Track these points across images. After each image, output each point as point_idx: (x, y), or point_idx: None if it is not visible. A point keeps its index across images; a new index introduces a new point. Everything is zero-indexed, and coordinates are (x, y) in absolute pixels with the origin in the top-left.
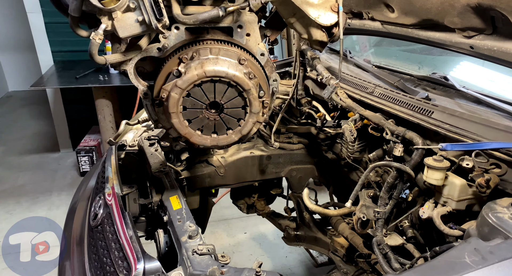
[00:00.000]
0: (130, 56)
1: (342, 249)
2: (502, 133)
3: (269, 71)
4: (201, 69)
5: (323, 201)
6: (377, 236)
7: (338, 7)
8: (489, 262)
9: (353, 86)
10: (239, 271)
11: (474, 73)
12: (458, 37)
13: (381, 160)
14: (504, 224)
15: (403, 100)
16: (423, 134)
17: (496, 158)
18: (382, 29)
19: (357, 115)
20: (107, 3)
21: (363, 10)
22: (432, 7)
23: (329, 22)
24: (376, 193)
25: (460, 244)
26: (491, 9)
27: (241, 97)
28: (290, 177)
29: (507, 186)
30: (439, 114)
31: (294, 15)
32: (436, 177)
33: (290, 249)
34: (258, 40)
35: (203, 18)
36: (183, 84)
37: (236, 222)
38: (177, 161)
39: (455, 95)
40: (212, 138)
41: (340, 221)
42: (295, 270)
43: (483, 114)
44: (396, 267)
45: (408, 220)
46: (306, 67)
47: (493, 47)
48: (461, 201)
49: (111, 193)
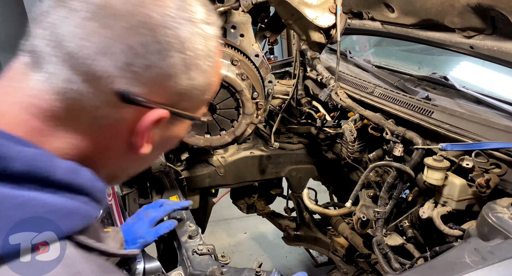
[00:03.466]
0: None
1: (342, 249)
2: (502, 133)
3: (264, 73)
4: None
5: (323, 201)
6: (377, 236)
7: (336, 9)
8: (489, 262)
9: (353, 86)
10: (239, 271)
11: (474, 73)
12: (458, 37)
13: (381, 160)
14: (504, 224)
15: (403, 100)
16: (423, 134)
17: (496, 158)
18: (382, 29)
19: (357, 115)
20: None
21: (363, 10)
22: (432, 7)
23: (327, 24)
24: (376, 193)
25: (460, 244)
26: (491, 9)
27: (233, 98)
28: (290, 177)
29: (507, 186)
30: (439, 114)
31: (292, 16)
32: (436, 177)
33: (290, 249)
34: (252, 41)
35: None
36: None
37: (236, 222)
38: (177, 161)
39: (455, 95)
40: (205, 138)
41: (340, 221)
42: (295, 270)
43: (483, 114)
44: (396, 267)
45: (408, 220)
46: (306, 67)
47: (493, 47)
48: (461, 201)
49: (111, 193)
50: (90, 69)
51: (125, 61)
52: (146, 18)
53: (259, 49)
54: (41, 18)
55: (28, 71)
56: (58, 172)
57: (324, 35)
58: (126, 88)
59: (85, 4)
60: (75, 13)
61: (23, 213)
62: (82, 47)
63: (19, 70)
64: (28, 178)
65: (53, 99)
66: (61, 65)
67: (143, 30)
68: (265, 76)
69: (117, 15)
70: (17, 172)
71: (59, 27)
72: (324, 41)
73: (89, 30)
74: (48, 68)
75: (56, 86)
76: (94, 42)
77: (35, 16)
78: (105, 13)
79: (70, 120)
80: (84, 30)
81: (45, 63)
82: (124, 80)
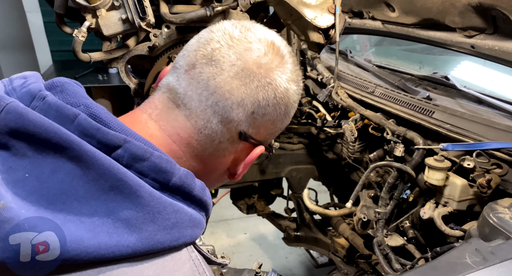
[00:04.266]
0: (116, 54)
1: (343, 250)
2: (503, 133)
3: None
4: None
5: (323, 202)
6: (377, 237)
7: (335, 9)
8: (490, 262)
9: (353, 86)
10: (239, 271)
11: (475, 73)
12: (459, 36)
13: (382, 160)
14: (505, 224)
15: (404, 100)
16: (424, 134)
17: (497, 158)
18: (383, 28)
19: (358, 115)
20: (92, 0)
21: (364, 10)
22: (433, 7)
23: (326, 24)
24: (376, 193)
25: (461, 245)
26: (492, 9)
27: None
28: (290, 177)
29: (508, 186)
30: (440, 114)
31: (291, 16)
32: (437, 177)
33: (290, 249)
34: None
35: (190, 17)
36: None
37: (236, 222)
38: None
39: (456, 95)
40: None
41: (340, 222)
42: (295, 271)
43: (484, 114)
44: (397, 267)
45: (409, 221)
46: (306, 67)
47: (494, 47)
48: (462, 201)
49: None
50: (228, 115)
51: (251, 111)
52: (272, 80)
53: None
54: (188, 68)
55: (174, 107)
56: (196, 189)
57: (323, 35)
58: (246, 130)
59: (231, 66)
60: (223, 72)
61: (176, 218)
62: (226, 99)
63: (165, 104)
64: (179, 190)
65: (191, 132)
66: (205, 108)
67: (268, 88)
68: None
69: (253, 76)
70: (173, 185)
71: (209, 80)
72: (323, 42)
73: (232, 86)
74: (193, 108)
75: (196, 123)
76: (234, 96)
77: (178, 65)
78: (245, 74)
79: (199, 149)
80: (229, 86)
81: (191, 104)
82: (247, 124)
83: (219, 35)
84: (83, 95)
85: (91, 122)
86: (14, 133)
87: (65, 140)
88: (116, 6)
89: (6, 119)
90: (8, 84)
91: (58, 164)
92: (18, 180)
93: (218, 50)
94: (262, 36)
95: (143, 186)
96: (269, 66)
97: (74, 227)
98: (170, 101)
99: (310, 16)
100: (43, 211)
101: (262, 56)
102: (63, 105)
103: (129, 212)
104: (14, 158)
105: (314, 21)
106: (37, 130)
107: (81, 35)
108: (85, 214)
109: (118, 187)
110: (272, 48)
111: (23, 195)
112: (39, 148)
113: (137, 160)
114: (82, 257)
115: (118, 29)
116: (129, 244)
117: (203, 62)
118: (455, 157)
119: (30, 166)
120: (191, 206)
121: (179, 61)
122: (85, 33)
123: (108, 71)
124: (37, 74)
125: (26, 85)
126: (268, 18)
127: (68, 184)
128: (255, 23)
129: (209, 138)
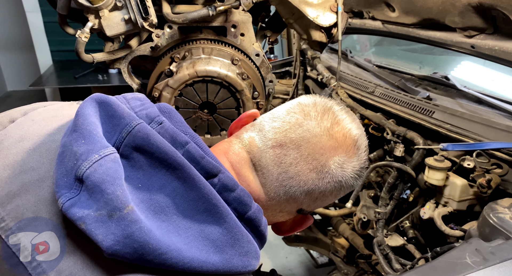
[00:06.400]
0: (119, 55)
1: (343, 250)
2: (503, 133)
3: (264, 72)
4: (192, 69)
5: None
6: (377, 237)
7: (337, 8)
8: (490, 262)
9: (353, 86)
10: None
11: (475, 73)
12: (459, 36)
13: (382, 160)
14: (505, 224)
15: (404, 100)
16: (424, 134)
17: (497, 158)
18: (383, 28)
19: (358, 115)
20: (95, 1)
21: (364, 9)
22: (433, 7)
23: (328, 23)
24: (376, 193)
25: (461, 245)
26: (492, 9)
27: (234, 98)
28: None
29: (508, 186)
30: (440, 114)
31: (292, 15)
32: (437, 177)
33: (290, 249)
34: (253, 40)
35: (192, 17)
36: (175, 83)
37: None
38: None
39: (456, 95)
40: (205, 138)
41: (340, 222)
42: (295, 271)
43: (484, 114)
44: (397, 267)
45: (409, 221)
46: (307, 67)
47: (494, 47)
48: (462, 201)
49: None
50: (296, 199)
51: (316, 197)
52: (343, 178)
53: (259, 49)
54: (276, 144)
55: (253, 169)
56: (262, 225)
57: (325, 34)
58: (305, 208)
59: (314, 160)
60: (305, 163)
61: (248, 247)
62: (299, 186)
63: (245, 160)
64: (251, 223)
65: (261, 196)
66: (279, 187)
67: (337, 185)
68: (265, 75)
69: (328, 174)
70: (248, 217)
71: (291, 165)
72: (325, 41)
73: (308, 178)
74: (269, 182)
75: (268, 192)
76: (307, 186)
77: (266, 135)
78: (322, 171)
79: (263, 207)
80: (306, 177)
81: (268, 177)
82: (307, 205)
83: (312, 124)
84: (186, 124)
85: (198, 151)
86: (138, 149)
87: (179, 162)
88: (119, 7)
89: (135, 136)
90: (125, 102)
91: (167, 181)
92: (133, 188)
93: (307, 139)
94: (348, 133)
95: (230, 214)
96: (346, 167)
97: (175, 237)
98: (251, 162)
99: (312, 15)
100: (150, 218)
101: (343, 155)
102: (177, 133)
103: (216, 234)
104: (131, 168)
105: (316, 20)
106: (157, 150)
107: (84, 36)
108: (181, 228)
109: (211, 210)
110: (354, 146)
111: (136, 202)
112: (154, 164)
113: (227, 189)
114: (179, 266)
115: (120, 30)
116: (214, 262)
117: (291, 147)
118: (455, 157)
119: (143, 178)
120: (255, 238)
121: (267, 131)
122: (88, 34)
123: (108, 71)
124: (146, 97)
125: (145, 108)
126: (270, 17)
127: (172, 199)
128: (342, 111)
129: (273, 205)
